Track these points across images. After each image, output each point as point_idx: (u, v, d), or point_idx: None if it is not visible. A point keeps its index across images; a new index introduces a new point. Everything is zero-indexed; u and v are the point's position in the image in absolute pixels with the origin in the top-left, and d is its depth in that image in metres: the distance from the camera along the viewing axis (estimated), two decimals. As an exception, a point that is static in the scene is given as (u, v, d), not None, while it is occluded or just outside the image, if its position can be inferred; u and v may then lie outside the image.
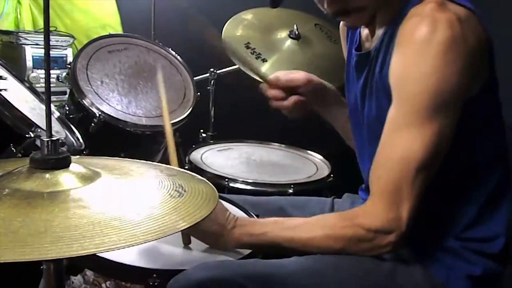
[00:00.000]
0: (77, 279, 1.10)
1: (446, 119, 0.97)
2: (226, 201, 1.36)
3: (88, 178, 0.73)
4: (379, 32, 1.11)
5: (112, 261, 1.02)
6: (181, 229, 0.66)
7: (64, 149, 0.73)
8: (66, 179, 0.70)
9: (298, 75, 1.37)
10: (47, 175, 0.70)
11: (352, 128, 1.29)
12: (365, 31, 1.20)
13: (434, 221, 1.10)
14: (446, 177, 1.06)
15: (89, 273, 1.08)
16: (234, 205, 1.35)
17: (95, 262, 1.04)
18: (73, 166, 0.73)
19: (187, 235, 1.13)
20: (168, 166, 0.94)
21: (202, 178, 0.87)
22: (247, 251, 1.13)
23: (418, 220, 1.03)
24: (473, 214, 1.08)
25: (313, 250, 1.07)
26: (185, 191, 0.77)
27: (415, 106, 0.97)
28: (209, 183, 0.84)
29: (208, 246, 1.13)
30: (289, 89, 1.38)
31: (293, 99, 1.37)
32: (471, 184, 1.08)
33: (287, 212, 1.35)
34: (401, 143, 0.99)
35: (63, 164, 0.71)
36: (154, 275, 0.99)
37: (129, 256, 1.04)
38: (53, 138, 0.70)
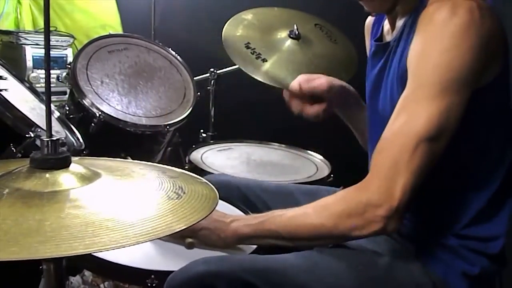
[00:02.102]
0: (75, 280, 1.10)
1: (455, 98, 0.97)
2: (226, 201, 1.36)
3: (88, 178, 0.72)
4: (399, 24, 1.13)
5: (110, 262, 1.02)
6: (175, 231, 0.65)
7: (64, 149, 0.73)
8: (65, 179, 0.70)
9: (320, 82, 1.37)
10: (47, 175, 0.70)
11: (367, 118, 1.29)
12: (387, 26, 1.21)
13: (434, 218, 1.10)
14: (448, 173, 1.06)
15: (87, 273, 1.08)
16: (231, 204, 1.35)
17: (93, 263, 1.04)
18: (73, 166, 0.73)
19: (190, 242, 1.13)
20: (172, 167, 0.94)
21: (205, 181, 0.86)
22: (248, 251, 1.14)
23: (418, 215, 1.03)
24: (474, 213, 1.07)
25: (308, 232, 1.07)
26: (184, 193, 0.76)
27: (425, 81, 0.98)
28: (211, 185, 0.83)
29: (209, 248, 1.13)
30: (311, 96, 1.38)
31: (316, 109, 1.37)
32: (473, 183, 1.08)
33: (296, 197, 1.35)
34: (405, 117, 0.99)
35: (63, 164, 0.71)
36: (152, 276, 0.99)
37: (128, 257, 1.04)
38: (53, 138, 0.70)
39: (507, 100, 1.09)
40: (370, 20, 1.36)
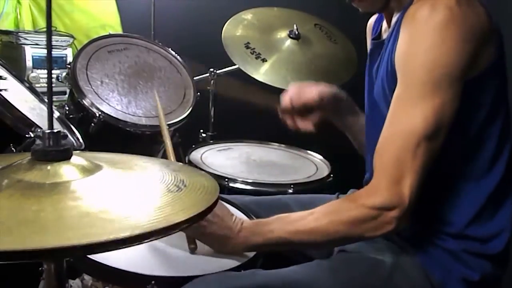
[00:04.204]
0: (75, 283, 1.09)
1: (446, 94, 0.98)
2: (227, 203, 1.36)
3: (89, 170, 0.72)
4: (394, 20, 1.14)
5: (110, 266, 1.01)
6: (172, 223, 0.64)
7: (65, 141, 0.73)
8: (66, 171, 0.70)
9: (310, 94, 1.37)
10: (48, 167, 0.69)
11: (366, 116, 1.29)
12: (385, 23, 1.22)
13: (433, 216, 1.10)
14: (446, 168, 1.06)
15: (87, 277, 1.07)
16: (234, 207, 1.34)
17: (93, 267, 1.03)
18: (75, 159, 0.73)
19: (193, 242, 1.12)
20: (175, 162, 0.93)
21: (206, 174, 0.86)
22: (250, 254, 1.13)
23: (417, 214, 1.03)
24: (474, 212, 1.07)
25: (320, 239, 1.07)
26: (185, 186, 0.75)
27: (416, 80, 0.99)
28: (213, 179, 0.82)
29: (212, 251, 1.12)
30: (304, 109, 1.39)
31: (309, 122, 1.39)
32: (471, 179, 1.08)
33: (292, 210, 1.34)
34: (402, 118, 1.01)
35: (64, 156, 0.71)
36: (153, 282, 0.98)
37: (128, 262, 1.03)
38: (54, 130, 0.70)
39: (503, 91, 1.09)
40: (371, 20, 1.37)
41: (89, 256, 1.01)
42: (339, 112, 1.42)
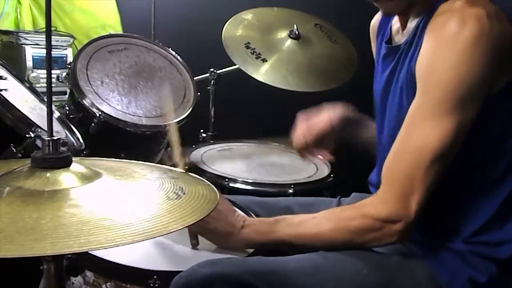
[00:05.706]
0: (77, 280, 1.09)
1: (466, 112, 0.97)
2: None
3: (88, 178, 0.72)
4: (411, 25, 1.12)
5: (112, 262, 1.02)
6: (171, 231, 0.65)
7: (64, 149, 0.73)
8: (66, 178, 0.70)
9: (321, 126, 1.38)
10: (48, 174, 0.70)
11: (376, 119, 1.28)
12: (396, 25, 1.20)
13: (443, 222, 1.10)
14: (460, 178, 1.06)
15: (89, 274, 1.08)
16: (235, 206, 1.35)
17: (95, 263, 1.04)
18: (74, 166, 0.73)
19: (195, 237, 1.13)
20: (174, 168, 0.94)
21: (206, 182, 0.87)
22: (251, 250, 1.14)
23: (427, 218, 1.03)
24: (485, 220, 1.06)
25: (322, 244, 1.08)
26: (184, 193, 0.76)
27: (437, 97, 0.98)
28: (213, 186, 0.83)
29: (213, 247, 1.13)
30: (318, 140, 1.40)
31: (327, 153, 1.44)
32: (485, 188, 1.07)
33: (294, 212, 1.35)
34: (419, 133, 0.99)
35: (64, 163, 0.71)
36: (155, 277, 0.99)
37: (130, 257, 1.04)
38: (54, 138, 0.70)
39: None
40: (375, 22, 1.35)
41: (90, 252, 1.02)
42: (352, 131, 1.42)
